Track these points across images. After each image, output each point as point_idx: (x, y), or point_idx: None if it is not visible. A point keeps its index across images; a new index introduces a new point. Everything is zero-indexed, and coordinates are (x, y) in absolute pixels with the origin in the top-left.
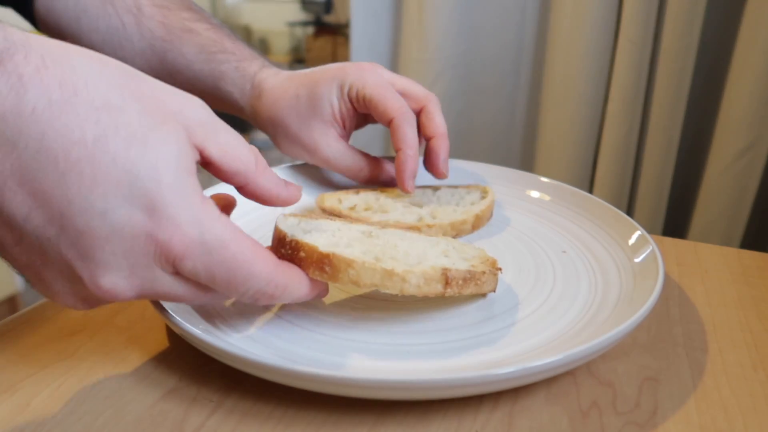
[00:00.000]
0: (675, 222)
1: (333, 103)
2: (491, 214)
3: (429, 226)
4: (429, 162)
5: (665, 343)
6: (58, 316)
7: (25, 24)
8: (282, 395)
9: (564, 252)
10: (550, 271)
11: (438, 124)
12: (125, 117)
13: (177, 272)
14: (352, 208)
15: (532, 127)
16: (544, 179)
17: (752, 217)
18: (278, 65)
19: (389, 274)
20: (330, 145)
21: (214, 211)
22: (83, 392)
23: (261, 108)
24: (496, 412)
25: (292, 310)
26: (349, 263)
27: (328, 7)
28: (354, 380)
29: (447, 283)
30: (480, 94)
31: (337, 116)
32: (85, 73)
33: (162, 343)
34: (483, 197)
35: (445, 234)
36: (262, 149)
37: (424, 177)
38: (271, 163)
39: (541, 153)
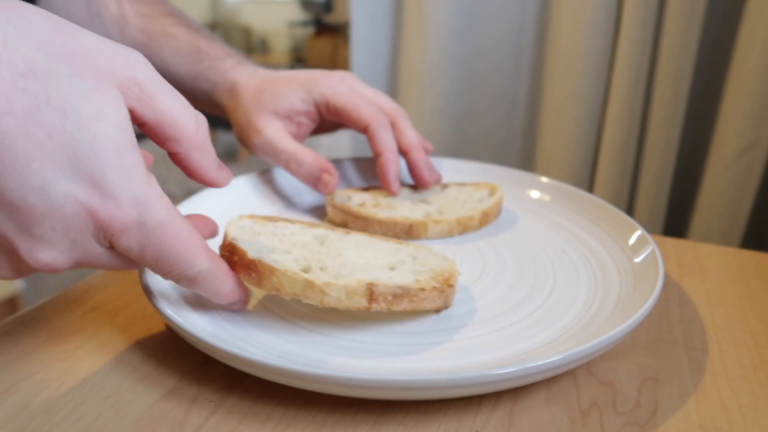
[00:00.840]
0: (675, 222)
1: (293, 102)
2: (499, 212)
3: (436, 222)
4: (413, 175)
5: (665, 343)
6: (58, 316)
7: None
8: (282, 395)
9: (564, 252)
10: (550, 271)
11: (410, 136)
12: (55, 83)
13: (111, 246)
14: (361, 205)
15: (532, 127)
16: (544, 179)
17: (752, 217)
18: (278, 65)
19: (309, 284)
20: (271, 130)
21: (156, 190)
22: (83, 392)
23: (232, 103)
24: (496, 412)
25: (291, 310)
26: (272, 271)
27: (328, 7)
28: (354, 380)
29: (372, 298)
30: (480, 94)
31: (293, 115)
32: (4, 31)
33: (162, 343)
34: (491, 195)
35: (451, 230)
36: None
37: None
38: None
39: (541, 153)
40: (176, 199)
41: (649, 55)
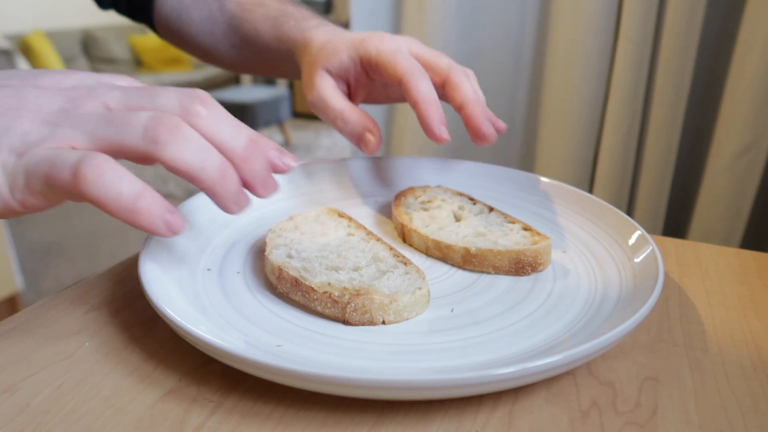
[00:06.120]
0: (675, 222)
1: (343, 59)
2: (535, 265)
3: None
4: (469, 132)
5: (665, 343)
6: (58, 316)
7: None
8: (282, 395)
9: (564, 252)
10: (550, 271)
11: (464, 90)
12: None
13: None
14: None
15: (532, 127)
16: (544, 179)
17: (752, 217)
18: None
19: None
20: (324, 86)
21: None
22: (83, 392)
23: (302, 59)
24: (496, 412)
25: (291, 310)
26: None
27: (328, 7)
28: (354, 380)
29: (279, 277)
30: None
31: (342, 73)
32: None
33: (162, 343)
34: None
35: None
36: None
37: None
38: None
39: (541, 153)
40: (177, 199)
41: (649, 55)
